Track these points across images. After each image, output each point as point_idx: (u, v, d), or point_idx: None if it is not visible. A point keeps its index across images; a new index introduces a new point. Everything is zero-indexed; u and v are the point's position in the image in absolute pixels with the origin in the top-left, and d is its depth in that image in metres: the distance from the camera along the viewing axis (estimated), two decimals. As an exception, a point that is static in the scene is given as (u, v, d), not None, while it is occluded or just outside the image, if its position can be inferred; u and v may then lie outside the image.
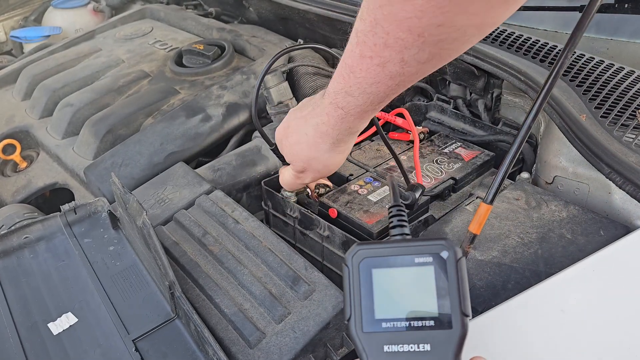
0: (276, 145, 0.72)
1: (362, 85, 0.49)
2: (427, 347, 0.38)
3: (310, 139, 0.60)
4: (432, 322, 0.38)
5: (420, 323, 0.38)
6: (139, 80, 1.22)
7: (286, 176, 0.70)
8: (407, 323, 0.39)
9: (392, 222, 0.47)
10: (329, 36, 1.25)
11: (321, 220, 0.75)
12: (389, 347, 0.38)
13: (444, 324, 0.38)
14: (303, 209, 0.78)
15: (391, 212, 0.48)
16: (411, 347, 0.38)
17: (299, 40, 1.31)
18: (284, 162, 0.71)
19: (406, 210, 0.48)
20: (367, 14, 0.43)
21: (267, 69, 0.74)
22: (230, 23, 1.54)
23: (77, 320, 0.65)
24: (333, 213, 0.75)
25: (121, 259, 0.73)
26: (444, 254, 0.39)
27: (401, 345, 0.38)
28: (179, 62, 1.26)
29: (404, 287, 0.40)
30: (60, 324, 0.64)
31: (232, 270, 0.68)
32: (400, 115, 0.94)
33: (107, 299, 0.67)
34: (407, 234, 0.46)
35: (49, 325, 0.64)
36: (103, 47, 1.41)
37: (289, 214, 0.81)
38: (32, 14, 2.02)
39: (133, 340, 0.62)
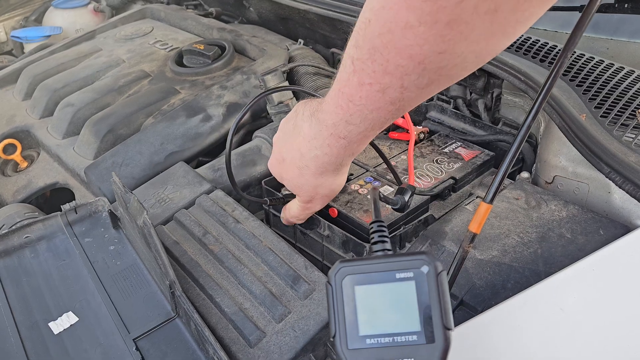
0: (269, 199, 0.76)
1: (363, 112, 0.49)
2: None
3: (312, 171, 0.60)
4: (415, 337, 0.39)
5: (403, 338, 0.39)
6: (139, 80, 1.22)
7: (294, 210, 0.70)
8: (391, 339, 0.39)
9: (373, 237, 0.47)
10: (329, 36, 1.26)
11: (321, 219, 0.75)
12: None
13: (427, 338, 0.38)
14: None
15: (372, 227, 0.48)
16: None
17: (300, 40, 1.31)
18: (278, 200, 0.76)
19: (386, 227, 0.49)
20: (364, 42, 0.43)
21: (245, 112, 0.75)
22: (230, 23, 1.54)
23: (77, 319, 0.65)
24: (333, 212, 0.75)
25: (122, 258, 0.74)
26: (424, 269, 0.40)
27: None
28: (179, 62, 1.26)
29: (387, 303, 0.40)
30: (60, 323, 0.64)
31: (233, 270, 0.68)
32: (400, 115, 0.94)
33: (108, 298, 0.67)
34: (389, 250, 0.46)
35: (49, 324, 0.64)
36: (103, 47, 1.41)
37: (289, 214, 0.81)
38: (32, 14, 2.02)
39: (133, 340, 0.62)
